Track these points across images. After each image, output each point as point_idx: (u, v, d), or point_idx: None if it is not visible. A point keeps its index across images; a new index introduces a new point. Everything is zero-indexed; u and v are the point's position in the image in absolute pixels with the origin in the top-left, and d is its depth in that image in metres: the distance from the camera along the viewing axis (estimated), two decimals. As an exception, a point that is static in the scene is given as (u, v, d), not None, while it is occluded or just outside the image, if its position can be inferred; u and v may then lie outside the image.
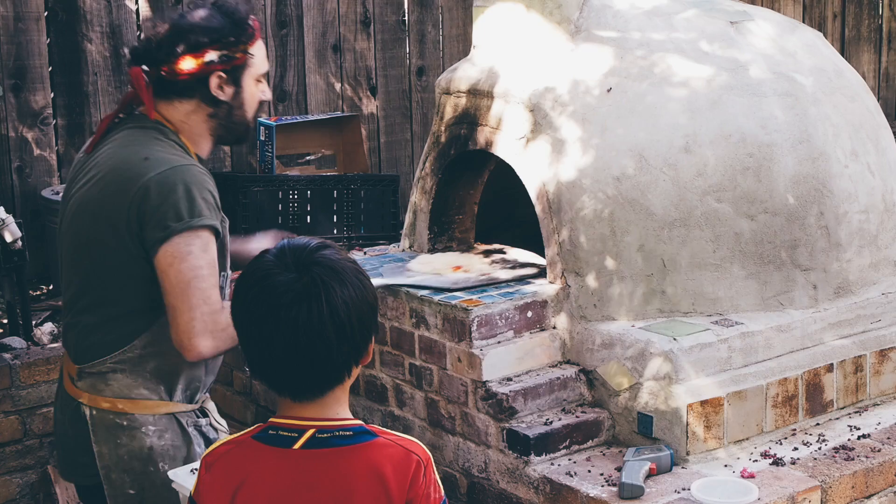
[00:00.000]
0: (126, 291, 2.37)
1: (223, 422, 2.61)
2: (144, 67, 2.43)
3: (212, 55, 2.41)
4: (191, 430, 2.47)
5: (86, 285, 2.41)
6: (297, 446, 1.73)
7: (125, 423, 2.36)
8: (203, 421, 2.54)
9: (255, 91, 2.50)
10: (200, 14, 2.45)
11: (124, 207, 2.33)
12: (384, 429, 1.81)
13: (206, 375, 2.53)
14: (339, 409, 1.77)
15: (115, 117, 2.51)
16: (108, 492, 2.39)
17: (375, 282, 3.09)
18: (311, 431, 1.74)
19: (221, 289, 2.43)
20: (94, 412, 2.38)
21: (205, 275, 2.32)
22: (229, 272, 2.52)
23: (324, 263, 1.74)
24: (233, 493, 1.74)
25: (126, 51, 2.97)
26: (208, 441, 2.53)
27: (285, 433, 1.74)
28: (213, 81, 2.42)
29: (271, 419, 1.77)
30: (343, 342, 1.72)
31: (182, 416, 2.47)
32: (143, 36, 2.52)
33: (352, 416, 1.79)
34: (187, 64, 2.40)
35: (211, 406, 2.60)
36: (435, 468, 1.79)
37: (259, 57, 2.49)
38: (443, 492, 1.79)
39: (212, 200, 2.37)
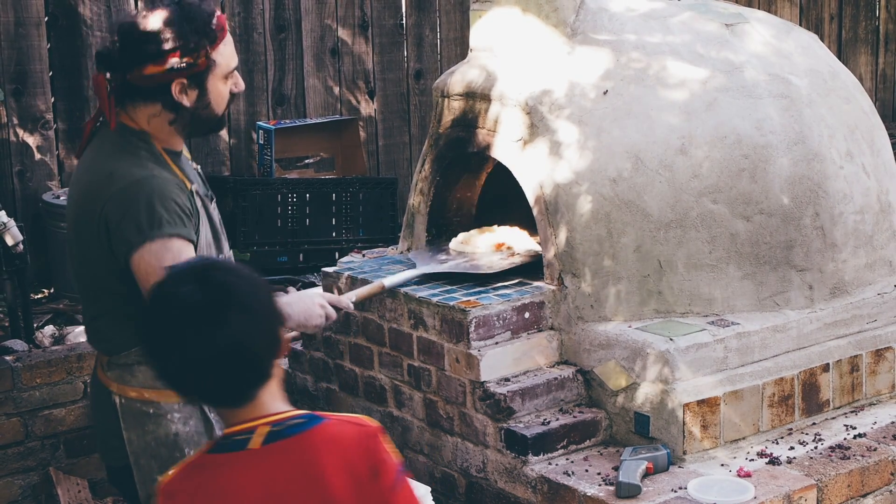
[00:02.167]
0: (134, 293, 2.40)
1: None
2: (107, 75, 2.45)
3: (173, 62, 2.40)
4: (213, 415, 2.53)
5: (97, 290, 2.48)
6: (253, 445, 1.77)
7: (151, 410, 2.42)
8: None
9: (223, 89, 2.50)
10: (163, 16, 2.43)
11: (95, 225, 2.38)
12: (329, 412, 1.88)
13: None
14: (278, 404, 1.83)
15: (96, 121, 2.55)
16: (136, 477, 2.45)
17: (411, 273, 3.12)
18: (265, 428, 1.78)
19: None
20: (123, 400, 2.44)
21: None
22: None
23: (218, 267, 1.82)
24: None
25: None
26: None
27: (238, 437, 1.79)
28: (175, 88, 2.43)
29: (224, 432, 1.82)
30: (256, 341, 1.77)
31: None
32: (108, 41, 2.53)
33: (292, 407, 1.86)
34: (149, 71, 2.41)
35: None
36: (386, 437, 1.86)
37: (225, 56, 2.48)
38: (396, 459, 1.86)
39: (175, 209, 2.38)
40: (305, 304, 2.65)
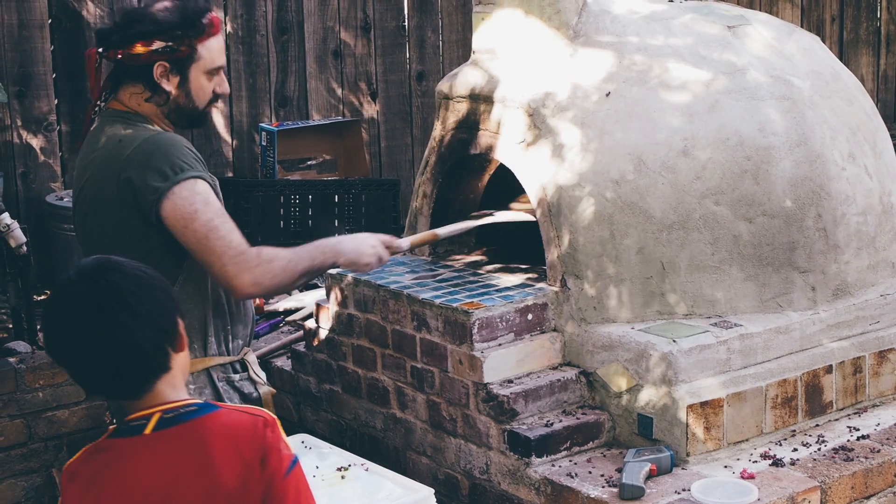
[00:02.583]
0: (159, 265, 2.48)
1: (262, 374, 2.74)
2: (100, 50, 2.61)
3: (158, 45, 2.57)
4: (222, 384, 2.61)
5: None
6: (147, 431, 1.87)
7: None
8: (237, 376, 2.68)
9: (206, 84, 2.66)
10: (160, 6, 2.62)
11: (115, 189, 2.51)
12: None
13: (235, 325, 2.68)
14: (177, 393, 1.91)
15: (96, 105, 2.69)
16: None
17: (464, 224, 3.19)
18: (157, 415, 1.87)
19: None
20: None
21: (217, 224, 2.49)
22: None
23: (108, 267, 1.88)
24: (96, 498, 1.86)
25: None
26: (243, 396, 2.69)
27: (135, 423, 1.88)
28: (157, 70, 2.59)
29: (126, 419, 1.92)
30: (145, 336, 1.84)
31: (214, 371, 2.63)
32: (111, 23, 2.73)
33: (192, 398, 1.94)
34: (137, 50, 2.57)
35: (251, 358, 2.77)
36: (282, 430, 1.91)
37: (210, 52, 2.64)
38: (292, 450, 1.92)
39: (191, 156, 2.54)
40: (357, 243, 2.74)
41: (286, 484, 1.86)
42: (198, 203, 2.48)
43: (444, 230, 3.14)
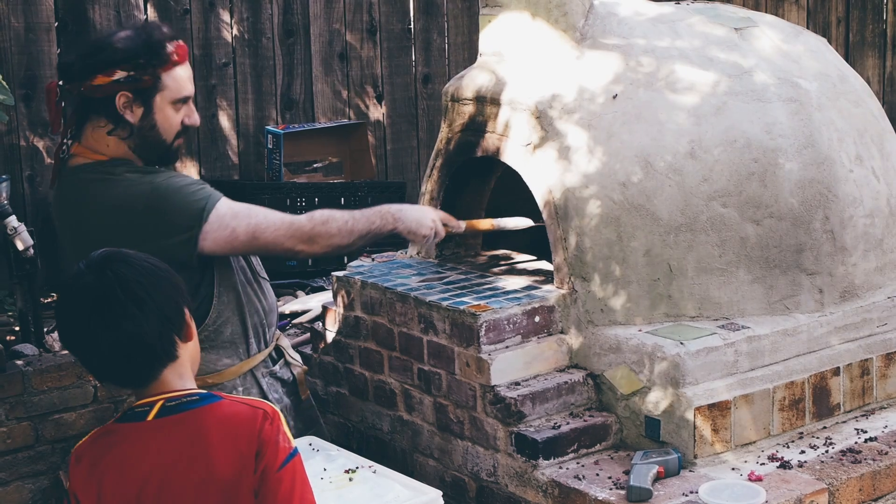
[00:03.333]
0: (191, 284, 2.54)
1: (296, 356, 2.80)
2: (61, 83, 2.56)
3: (120, 75, 2.51)
4: (266, 381, 2.68)
5: None
6: (149, 418, 1.93)
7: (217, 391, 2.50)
8: (276, 367, 2.75)
9: (172, 115, 2.59)
10: (122, 35, 2.56)
11: (129, 247, 2.51)
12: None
13: (269, 315, 2.74)
14: (184, 382, 1.96)
15: (60, 150, 2.63)
16: None
17: (519, 221, 3.24)
18: (160, 403, 1.94)
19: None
20: None
21: (254, 221, 2.56)
22: None
23: (115, 259, 1.93)
24: (98, 480, 1.92)
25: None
26: (284, 384, 2.75)
27: (139, 409, 1.95)
28: (119, 100, 2.53)
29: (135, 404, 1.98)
30: (150, 325, 1.90)
31: (258, 369, 2.69)
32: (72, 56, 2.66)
33: (198, 388, 1.98)
34: (99, 81, 2.51)
35: (284, 343, 2.84)
36: (284, 422, 1.95)
37: (176, 81, 2.57)
38: (293, 443, 1.95)
39: (191, 185, 2.56)
40: (418, 214, 2.83)
41: (279, 476, 1.89)
42: (228, 221, 2.53)
43: (500, 221, 3.19)
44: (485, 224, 3.20)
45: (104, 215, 2.52)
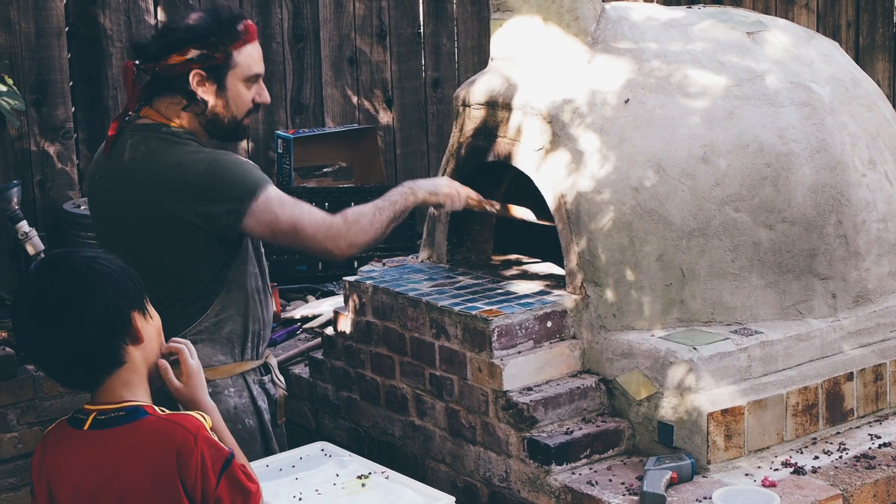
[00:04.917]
0: (192, 274, 2.60)
1: (281, 378, 2.86)
2: (137, 62, 2.64)
3: (193, 53, 2.59)
4: (255, 387, 2.72)
5: (167, 273, 2.62)
6: (85, 428, 1.99)
7: (210, 389, 2.50)
8: (266, 378, 2.79)
9: (244, 92, 2.67)
10: (194, 16, 2.65)
11: (175, 207, 2.57)
12: (165, 410, 2.02)
13: (265, 329, 2.79)
14: (125, 391, 1.99)
15: (123, 118, 2.69)
16: None
17: (517, 210, 3.29)
18: (93, 415, 1.99)
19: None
20: None
21: (297, 214, 2.62)
22: None
23: (55, 266, 1.96)
24: (46, 475, 2.01)
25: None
26: (270, 398, 2.79)
27: (80, 416, 2.01)
28: (194, 79, 2.61)
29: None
30: (89, 335, 1.93)
31: (249, 375, 2.73)
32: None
33: (134, 398, 2.00)
34: (173, 60, 2.60)
35: (272, 362, 2.87)
36: (209, 431, 1.98)
37: (247, 59, 2.65)
38: (227, 448, 1.99)
39: (249, 164, 2.64)
40: (432, 180, 3.00)
41: (217, 495, 1.95)
42: (274, 206, 2.58)
43: (530, 215, 3.25)
44: (521, 211, 3.25)
45: (162, 169, 2.59)
